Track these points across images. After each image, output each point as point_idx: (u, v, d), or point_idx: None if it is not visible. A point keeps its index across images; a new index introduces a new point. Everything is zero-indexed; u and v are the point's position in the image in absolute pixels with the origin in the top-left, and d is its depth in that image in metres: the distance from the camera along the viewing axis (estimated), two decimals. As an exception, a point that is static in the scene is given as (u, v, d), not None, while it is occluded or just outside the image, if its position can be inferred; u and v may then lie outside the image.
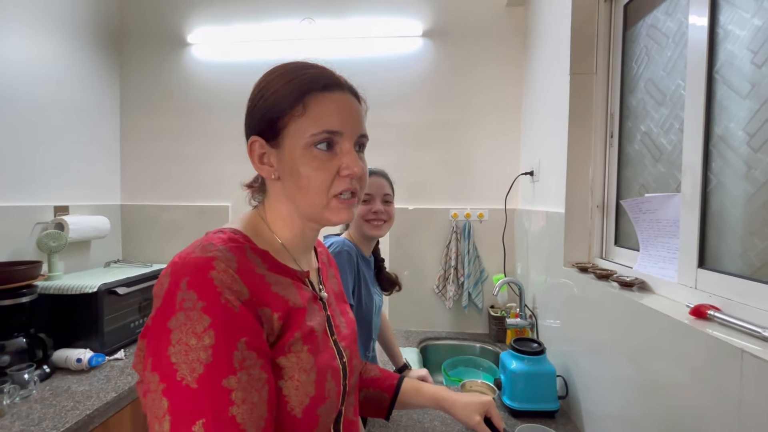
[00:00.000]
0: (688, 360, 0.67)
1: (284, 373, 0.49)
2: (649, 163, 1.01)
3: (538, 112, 1.64)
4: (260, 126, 0.54)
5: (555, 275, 1.33)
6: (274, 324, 0.49)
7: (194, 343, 0.41)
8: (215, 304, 0.43)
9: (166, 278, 0.45)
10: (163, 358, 0.42)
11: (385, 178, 1.15)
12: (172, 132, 2.09)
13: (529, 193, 1.71)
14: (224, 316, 0.43)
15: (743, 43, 0.70)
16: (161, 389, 0.41)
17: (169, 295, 0.43)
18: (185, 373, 0.41)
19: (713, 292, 0.73)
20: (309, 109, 0.51)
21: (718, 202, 0.76)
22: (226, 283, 0.44)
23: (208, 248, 0.47)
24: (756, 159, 0.67)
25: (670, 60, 0.93)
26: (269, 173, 0.55)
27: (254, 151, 0.55)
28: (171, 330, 0.42)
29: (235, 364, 0.42)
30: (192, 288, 0.43)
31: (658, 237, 0.94)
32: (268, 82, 0.55)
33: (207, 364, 0.41)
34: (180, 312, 0.42)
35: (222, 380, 0.41)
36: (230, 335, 0.43)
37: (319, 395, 0.51)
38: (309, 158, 0.52)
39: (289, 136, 0.52)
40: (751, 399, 0.54)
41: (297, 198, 0.54)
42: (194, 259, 0.46)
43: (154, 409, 0.41)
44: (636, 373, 0.84)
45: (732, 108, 0.72)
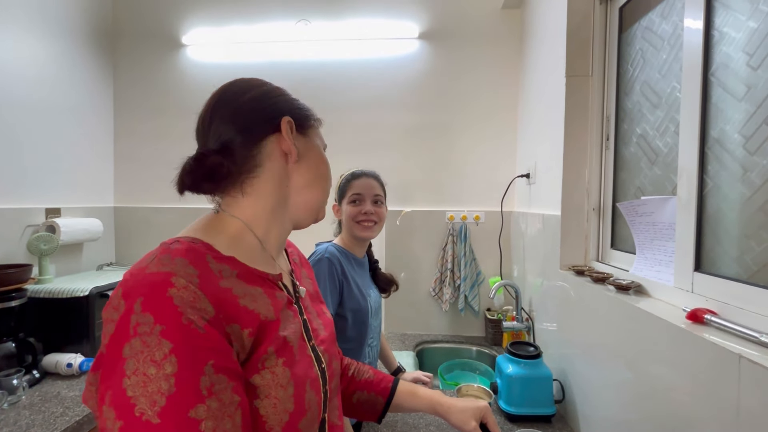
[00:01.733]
0: (685, 365, 0.66)
1: (259, 392, 0.45)
2: (645, 166, 1.01)
3: (534, 115, 1.64)
4: (295, 113, 0.58)
5: (551, 278, 1.33)
6: (244, 341, 0.45)
7: (153, 373, 0.37)
8: (176, 327, 0.39)
9: (118, 300, 0.40)
10: (120, 392, 0.37)
11: (376, 180, 1.15)
12: (166, 133, 2.07)
13: (525, 196, 1.71)
14: (187, 339, 0.39)
15: (739, 46, 0.70)
16: (118, 427, 0.36)
17: (123, 320, 0.39)
18: (145, 407, 0.36)
19: (710, 296, 0.72)
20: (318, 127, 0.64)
21: (714, 205, 0.75)
22: (188, 301, 0.40)
23: (164, 262, 0.43)
24: (752, 162, 0.66)
25: (666, 62, 0.93)
26: (295, 153, 0.56)
27: (285, 127, 0.56)
28: (125, 359, 0.38)
29: (203, 391, 0.38)
30: (148, 310, 0.39)
31: (655, 240, 0.93)
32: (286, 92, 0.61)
33: (170, 396, 0.37)
34: (135, 338, 0.38)
35: (188, 411, 0.37)
36: (196, 360, 0.39)
37: (299, 409, 0.48)
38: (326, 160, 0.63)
39: (313, 136, 0.61)
40: (749, 405, 0.53)
41: (309, 184, 0.58)
42: (149, 276, 0.41)
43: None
44: (633, 377, 0.83)
45: (727, 110, 0.72)
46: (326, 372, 0.58)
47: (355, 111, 1.95)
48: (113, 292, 0.42)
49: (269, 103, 0.56)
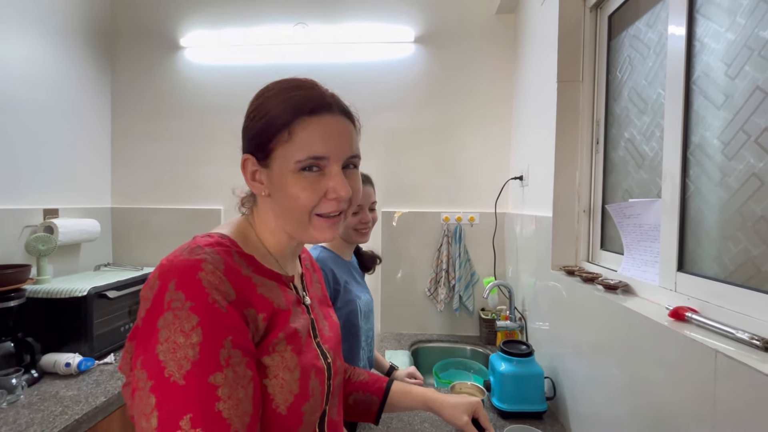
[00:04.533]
0: (667, 360, 0.69)
1: (269, 371, 0.50)
2: (633, 170, 1.04)
3: (527, 118, 1.67)
4: (252, 146, 0.56)
5: (543, 278, 1.36)
6: (259, 324, 0.50)
7: (182, 341, 0.43)
8: (203, 304, 0.45)
9: (154, 281, 0.47)
10: (152, 356, 0.43)
11: (372, 186, 1.17)
12: (164, 135, 2.08)
13: (518, 198, 1.74)
14: (212, 316, 0.45)
15: (718, 56, 0.73)
16: (149, 386, 0.42)
17: (158, 296, 0.45)
18: (173, 370, 0.42)
19: (691, 295, 0.75)
20: (295, 135, 0.52)
21: (695, 208, 0.79)
22: (214, 284, 0.46)
23: (195, 251, 0.49)
24: (730, 167, 0.70)
25: (652, 70, 0.96)
26: (260, 190, 0.57)
27: (247, 168, 0.57)
28: (159, 329, 0.44)
29: (221, 361, 0.44)
30: (180, 289, 0.45)
31: (641, 241, 0.96)
32: (260, 104, 0.56)
33: (194, 361, 0.42)
34: (168, 311, 0.44)
35: (209, 377, 0.43)
36: (217, 334, 0.44)
37: (303, 393, 0.53)
38: (296, 180, 0.53)
39: (277, 158, 0.53)
40: (725, 397, 0.56)
41: (284, 216, 0.56)
42: (182, 261, 0.47)
43: (142, 406, 0.42)
44: (620, 373, 0.86)
45: (708, 117, 0.75)
46: (331, 367, 0.61)
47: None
48: (150, 274, 0.49)
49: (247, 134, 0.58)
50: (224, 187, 2.05)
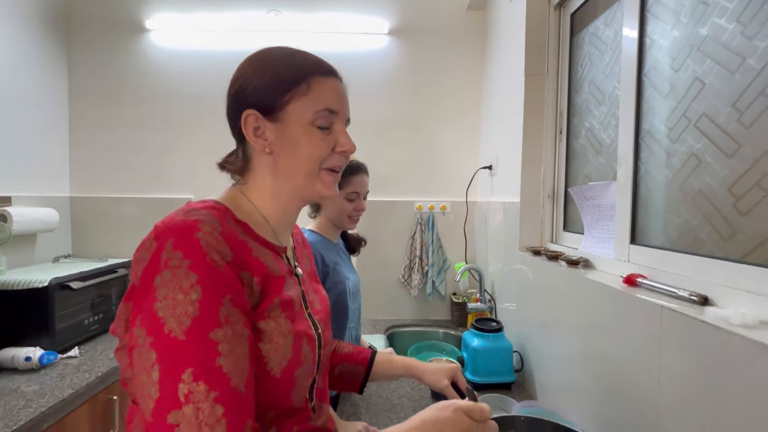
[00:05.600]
0: (622, 320, 0.78)
1: (264, 336, 0.51)
2: (592, 156, 1.14)
3: (496, 110, 1.76)
4: (258, 100, 0.55)
5: (511, 260, 1.45)
6: (254, 288, 0.51)
7: (181, 298, 0.43)
8: (201, 263, 0.45)
9: (150, 242, 0.47)
10: (150, 314, 0.43)
11: (367, 175, 1.20)
12: (127, 121, 1.99)
13: (487, 186, 1.83)
14: (210, 274, 0.45)
15: (665, 51, 0.82)
16: (149, 342, 0.43)
17: (155, 256, 0.45)
18: (173, 326, 0.43)
19: (642, 264, 0.85)
20: (312, 89, 0.55)
21: (645, 187, 0.88)
22: (211, 244, 0.46)
23: (191, 213, 0.49)
24: (674, 149, 0.79)
25: (609, 64, 1.06)
26: (263, 146, 0.56)
27: (248, 124, 0.56)
28: (157, 287, 0.44)
29: (221, 318, 0.45)
30: (178, 248, 0.45)
31: (600, 220, 1.06)
32: (267, 61, 0.57)
33: (194, 318, 0.43)
34: (166, 270, 0.44)
35: (209, 333, 0.43)
36: (216, 291, 0.45)
37: (296, 358, 0.54)
38: (312, 132, 0.56)
39: (291, 112, 0.55)
40: (669, 343, 0.65)
41: (290, 172, 0.57)
42: (179, 222, 0.47)
43: (142, 362, 0.43)
44: (580, 342, 0.95)
45: (656, 106, 0.85)
46: (321, 337, 0.63)
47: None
48: (145, 237, 0.48)
49: (235, 103, 0.57)
50: (194, 176, 2.00)
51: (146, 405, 0.42)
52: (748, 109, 0.63)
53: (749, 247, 0.63)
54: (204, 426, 0.41)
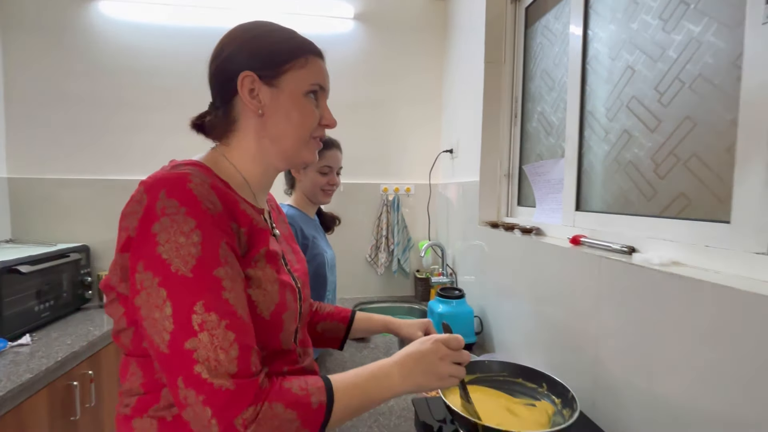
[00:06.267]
0: (569, 273, 0.91)
1: (252, 282, 0.54)
2: (543, 137, 1.28)
3: (457, 97, 1.87)
4: (259, 64, 0.58)
5: (471, 235, 1.57)
6: (241, 237, 0.54)
7: (183, 241, 0.46)
8: (197, 209, 0.47)
9: (140, 195, 0.48)
10: (154, 257, 0.46)
11: (341, 151, 1.25)
12: (77, 98, 1.86)
13: (449, 169, 1.94)
14: (207, 219, 0.48)
15: (604, 43, 0.96)
16: (157, 282, 0.45)
17: (150, 206, 0.47)
18: (179, 266, 0.45)
19: (585, 227, 0.99)
20: (309, 64, 0.60)
21: (588, 161, 1.02)
22: (204, 194, 0.49)
23: (179, 168, 0.51)
24: (610, 126, 0.93)
25: (558, 54, 1.19)
26: (256, 108, 0.58)
27: (245, 85, 0.58)
28: (156, 233, 0.46)
29: (221, 258, 0.48)
30: (172, 197, 0.47)
31: (549, 193, 1.20)
32: (267, 31, 0.60)
33: (198, 257, 0.46)
34: (164, 217, 0.46)
35: (213, 270, 0.47)
36: (214, 235, 0.48)
37: (282, 303, 0.58)
38: (306, 101, 0.60)
39: (288, 80, 0.59)
40: (605, 285, 0.78)
41: (280, 134, 0.60)
42: (169, 175, 0.49)
43: (152, 301, 0.46)
44: (534, 300, 1.08)
45: (597, 90, 0.98)
46: (301, 292, 0.68)
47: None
48: (134, 193, 0.50)
49: (227, 65, 0.59)
50: (154, 157, 1.91)
51: (161, 338, 0.45)
52: (666, 91, 0.77)
53: (666, 203, 0.77)
54: (219, 349, 0.45)
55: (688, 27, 0.72)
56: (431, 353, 0.61)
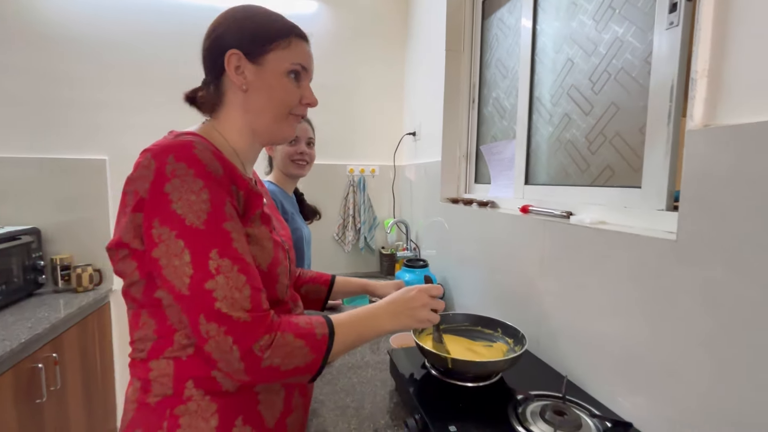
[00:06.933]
0: (519, 236, 1.06)
1: (251, 239, 0.60)
2: (498, 121, 1.42)
3: (419, 82, 1.98)
4: (245, 42, 0.63)
5: (433, 211, 1.71)
6: (240, 199, 0.59)
7: (194, 199, 0.52)
8: (203, 172, 0.53)
9: (148, 161, 0.53)
10: (170, 213, 0.51)
11: (309, 123, 1.30)
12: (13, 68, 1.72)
13: (412, 150, 2.06)
14: (213, 181, 0.54)
15: (549, 37, 1.10)
16: (174, 235, 0.51)
17: (160, 170, 0.52)
18: (193, 219, 0.52)
19: (533, 198, 1.15)
20: (292, 46, 0.65)
21: (535, 141, 1.18)
22: (208, 159, 0.54)
23: (181, 137, 0.56)
24: (553, 110, 1.08)
25: (511, 46, 1.33)
26: (240, 83, 0.63)
27: (231, 62, 0.62)
28: (168, 193, 0.51)
29: (227, 214, 0.54)
30: (181, 161, 0.53)
31: (502, 171, 1.35)
32: (255, 13, 0.65)
33: (209, 212, 0.52)
34: (174, 179, 0.52)
35: (222, 224, 0.53)
36: (220, 194, 0.54)
37: (276, 258, 0.64)
38: (285, 81, 0.65)
39: (270, 60, 0.64)
40: (549, 245, 0.94)
41: (261, 111, 0.65)
42: (174, 142, 0.54)
43: (171, 250, 0.51)
44: (490, 264, 1.23)
45: (544, 79, 1.13)
46: (288, 253, 0.75)
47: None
48: (139, 160, 0.54)
49: (218, 43, 0.63)
50: (106, 135, 1.83)
51: (182, 282, 0.51)
52: (597, 81, 0.92)
53: (596, 174, 0.94)
54: (234, 289, 0.52)
55: (614, 28, 0.88)
56: (414, 300, 0.71)
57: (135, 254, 0.57)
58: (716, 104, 0.57)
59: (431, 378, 0.86)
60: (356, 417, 0.85)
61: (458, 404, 0.76)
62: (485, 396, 0.79)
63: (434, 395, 0.79)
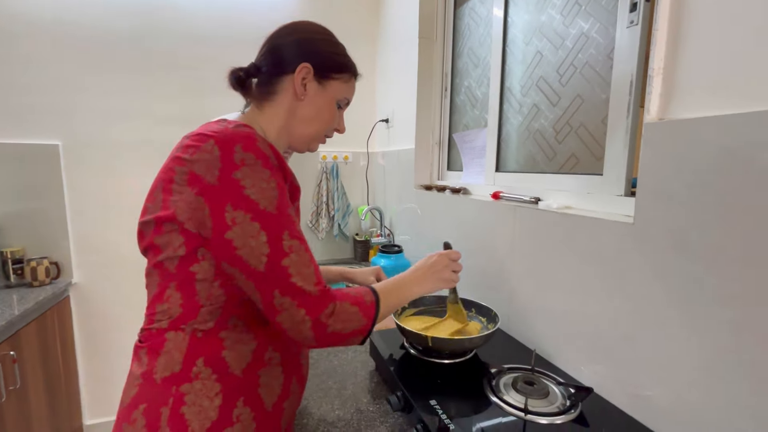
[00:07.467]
0: (491, 221, 1.12)
1: None
2: (469, 109, 1.46)
3: (392, 70, 1.98)
4: (319, 62, 0.70)
5: (407, 198, 1.74)
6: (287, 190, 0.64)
7: (265, 186, 0.58)
8: (268, 162, 0.59)
9: (212, 147, 0.57)
10: (243, 198, 0.56)
11: None
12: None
13: (385, 137, 2.07)
14: (276, 170, 0.60)
15: (519, 29, 1.14)
16: (249, 218, 0.56)
17: (228, 158, 0.57)
18: (266, 205, 0.57)
19: (503, 184, 1.20)
20: (350, 82, 0.76)
21: (506, 130, 1.22)
22: (268, 151, 0.60)
23: (240, 127, 0.61)
24: (523, 101, 1.13)
25: (482, 36, 1.36)
26: (300, 93, 0.70)
27: (301, 72, 0.69)
28: (240, 179, 0.56)
29: (288, 201, 0.61)
30: (248, 151, 0.58)
31: (474, 158, 1.40)
32: (337, 43, 0.75)
33: (277, 199, 0.58)
34: (244, 167, 0.57)
35: (287, 209, 0.60)
36: (282, 183, 0.60)
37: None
38: (333, 108, 0.75)
39: (332, 85, 0.73)
40: (518, 229, 1.00)
41: (305, 120, 0.72)
42: (238, 131, 0.59)
43: (248, 232, 0.56)
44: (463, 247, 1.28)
45: (514, 70, 1.17)
46: None
47: (227, 49, 1.90)
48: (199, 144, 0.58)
49: (302, 50, 0.70)
50: (60, 118, 1.71)
51: (258, 261, 0.56)
52: (564, 73, 0.98)
53: (562, 162, 1.00)
54: (303, 266, 0.58)
55: (580, 23, 0.92)
56: (438, 264, 0.81)
57: (184, 230, 0.59)
58: (670, 99, 0.63)
59: (410, 357, 0.90)
60: (339, 398, 0.88)
61: (437, 380, 0.80)
62: (462, 371, 0.84)
63: (414, 373, 0.84)
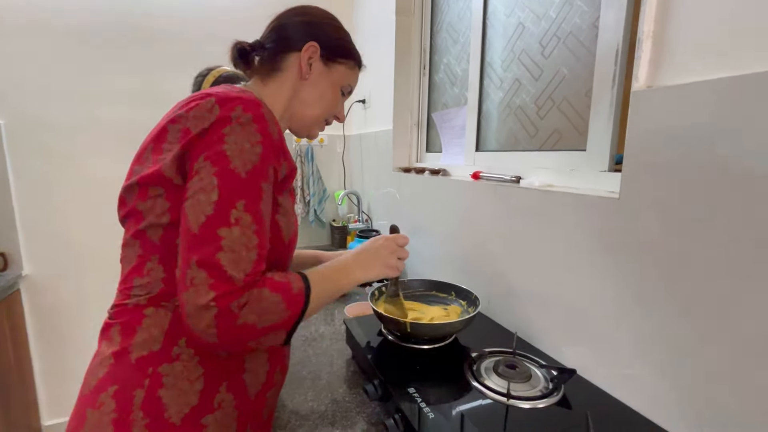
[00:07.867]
0: (472, 201, 1.08)
1: (281, 209, 0.60)
2: (449, 87, 1.41)
3: (367, 47, 1.89)
4: (327, 44, 0.68)
5: (385, 181, 1.69)
6: (283, 169, 0.60)
7: (248, 147, 0.52)
8: (265, 129, 0.54)
9: (211, 105, 0.52)
10: (218, 152, 0.50)
11: None
12: None
13: (362, 119, 2.00)
14: (269, 140, 0.54)
15: (500, 0, 1.09)
16: (213, 172, 0.50)
17: (225, 114, 0.52)
18: (237, 165, 0.51)
19: (483, 164, 1.16)
20: (355, 70, 0.76)
21: (486, 108, 1.18)
22: (271, 120, 0.55)
23: (246, 92, 0.56)
24: (504, 76, 1.09)
25: (462, 9, 1.30)
26: (305, 72, 0.67)
27: (308, 51, 0.67)
28: (226, 134, 0.51)
29: (268, 176, 0.54)
30: (248, 111, 0.53)
31: (453, 138, 1.35)
32: (344, 30, 0.73)
33: (255, 165, 0.52)
34: (236, 124, 0.52)
35: (261, 181, 0.53)
36: (269, 155, 0.54)
37: (295, 231, 0.66)
38: (336, 93, 0.73)
39: (337, 69, 0.71)
40: (499, 208, 0.96)
41: (307, 102, 0.69)
42: (242, 94, 0.55)
43: (203, 184, 0.50)
44: (444, 230, 1.25)
45: (495, 44, 1.12)
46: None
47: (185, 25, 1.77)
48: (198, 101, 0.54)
49: (309, 30, 0.68)
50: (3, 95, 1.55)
51: (196, 219, 0.49)
52: (547, 45, 0.93)
53: (544, 139, 0.96)
54: (243, 247, 0.50)
55: (564, -9, 0.88)
56: (383, 248, 0.73)
57: (170, 193, 0.53)
58: (659, 65, 0.60)
59: (388, 344, 0.86)
60: (312, 389, 0.83)
61: (416, 366, 0.76)
62: (442, 357, 0.81)
63: (392, 360, 0.79)
